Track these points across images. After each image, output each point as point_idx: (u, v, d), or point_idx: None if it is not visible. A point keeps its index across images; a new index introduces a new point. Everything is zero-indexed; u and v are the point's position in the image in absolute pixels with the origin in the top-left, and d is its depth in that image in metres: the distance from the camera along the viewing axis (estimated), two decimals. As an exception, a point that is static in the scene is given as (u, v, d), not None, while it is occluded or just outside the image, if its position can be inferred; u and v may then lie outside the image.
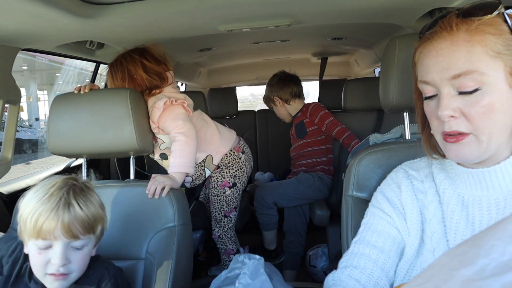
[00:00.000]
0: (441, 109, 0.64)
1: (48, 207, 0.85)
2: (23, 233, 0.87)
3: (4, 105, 1.31)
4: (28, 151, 10.94)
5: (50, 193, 0.87)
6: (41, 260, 0.86)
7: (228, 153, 1.70)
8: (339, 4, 1.23)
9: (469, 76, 0.62)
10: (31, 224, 0.84)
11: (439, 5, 1.24)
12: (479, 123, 0.63)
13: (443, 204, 0.74)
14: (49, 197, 0.86)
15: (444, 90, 0.65)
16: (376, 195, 0.84)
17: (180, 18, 1.25)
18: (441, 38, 0.65)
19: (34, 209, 0.85)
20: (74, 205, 0.87)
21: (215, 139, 1.67)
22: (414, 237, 0.75)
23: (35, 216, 0.84)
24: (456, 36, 0.63)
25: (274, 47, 2.53)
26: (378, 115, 2.17)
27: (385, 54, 1.08)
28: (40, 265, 0.86)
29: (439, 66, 0.65)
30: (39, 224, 0.84)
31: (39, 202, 0.86)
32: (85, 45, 1.53)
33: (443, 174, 0.76)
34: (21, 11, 0.95)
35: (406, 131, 1.14)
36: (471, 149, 0.64)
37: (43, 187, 0.89)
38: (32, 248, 0.87)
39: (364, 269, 0.75)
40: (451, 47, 0.64)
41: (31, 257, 0.88)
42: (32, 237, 0.85)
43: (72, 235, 0.86)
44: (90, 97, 1.23)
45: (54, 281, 0.87)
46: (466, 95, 0.63)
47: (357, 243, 0.80)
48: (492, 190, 0.68)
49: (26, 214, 0.86)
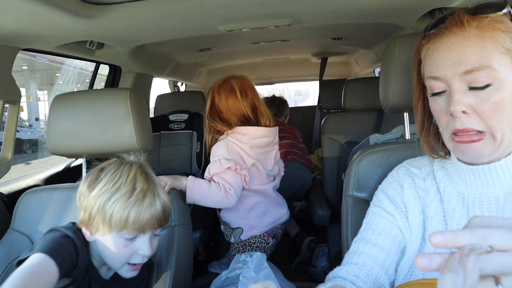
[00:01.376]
0: (454, 104, 0.63)
1: (147, 203, 0.87)
2: (103, 225, 0.86)
3: (4, 105, 1.31)
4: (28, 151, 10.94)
5: (139, 189, 0.87)
6: (127, 252, 0.87)
7: (259, 235, 1.56)
8: (339, 4, 1.23)
9: (482, 71, 0.61)
10: (123, 217, 0.84)
11: (439, 5, 1.24)
12: (491, 119, 0.62)
13: (444, 202, 0.74)
14: (139, 192, 0.87)
15: (455, 85, 0.64)
16: (378, 194, 0.84)
17: (180, 18, 1.25)
18: (452, 33, 0.64)
19: (125, 204, 0.85)
20: (161, 196, 0.90)
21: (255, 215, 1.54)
22: (416, 235, 0.75)
23: (127, 210, 0.85)
24: (467, 31, 0.63)
25: (274, 47, 2.54)
26: (378, 115, 2.17)
27: (385, 54, 1.08)
28: (125, 256, 0.87)
29: (451, 61, 0.64)
30: (133, 218, 0.85)
31: (127, 196, 0.86)
32: (85, 45, 1.53)
33: (443, 172, 0.76)
34: (21, 11, 0.95)
35: (406, 131, 1.14)
36: (485, 145, 0.64)
37: (121, 178, 0.88)
38: (116, 240, 0.86)
39: (363, 266, 0.75)
40: (463, 42, 0.63)
41: (114, 249, 0.87)
42: (119, 230, 0.85)
43: (159, 225, 0.89)
44: (90, 97, 1.23)
45: (131, 271, 0.89)
46: (477, 91, 0.62)
47: (358, 242, 0.80)
48: (492, 186, 0.68)
49: (115, 209, 0.85)
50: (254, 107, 1.48)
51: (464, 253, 0.39)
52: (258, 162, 1.46)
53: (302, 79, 4.23)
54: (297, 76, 3.90)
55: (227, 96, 1.47)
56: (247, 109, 1.46)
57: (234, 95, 1.47)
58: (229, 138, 1.44)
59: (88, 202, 0.88)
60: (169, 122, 2.45)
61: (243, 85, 1.49)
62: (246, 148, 1.43)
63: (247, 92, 1.48)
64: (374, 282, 0.74)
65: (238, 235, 1.53)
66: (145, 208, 0.87)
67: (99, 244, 0.89)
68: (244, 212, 1.50)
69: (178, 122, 2.44)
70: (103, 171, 0.91)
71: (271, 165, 1.53)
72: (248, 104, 1.47)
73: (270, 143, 1.51)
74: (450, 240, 0.40)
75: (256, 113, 1.48)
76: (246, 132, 1.44)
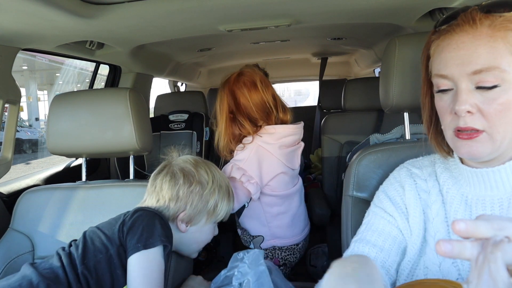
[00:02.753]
0: (459, 104, 0.62)
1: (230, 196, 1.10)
2: (209, 217, 1.05)
3: (4, 105, 1.31)
4: (28, 151, 10.94)
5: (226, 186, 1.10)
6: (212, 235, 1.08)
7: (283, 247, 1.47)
8: (339, 4, 1.23)
9: (491, 72, 0.60)
10: (227, 211, 1.08)
11: (439, 5, 1.24)
12: (495, 120, 0.62)
13: (446, 203, 0.74)
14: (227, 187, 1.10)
15: (462, 84, 0.63)
16: (378, 194, 0.84)
17: (180, 18, 1.25)
18: (463, 32, 0.63)
19: (227, 200, 1.08)
20: None
21: None
22: (416, 236, 0.75)
23: (229, 205, 1.09)
24: (479, 30, 0.61)
25: (274, 47, 2.54)
26: (378, 115, 2.17)
27: (385, 54, 1.08)
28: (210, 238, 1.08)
29: (459, 60, 0.63)
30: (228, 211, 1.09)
31: (227, 194, 1.09)
32: (85, 45, 1.53)
33: (447, 174, 0.76)
34: (21, 11, 0.95)
35: (406, 131, 1.14)
36: (484, 147, 0.63)
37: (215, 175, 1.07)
38: (212, 227, 1.08)
39: None
40: (473, 41, 0.61)
41: (209, 235, 1.08)
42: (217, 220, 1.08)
43: None
44: (89, 97, 1.23)
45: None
46: (484, 91, 0.62)
47: (357, 242, 0.80)
48: (496, 190, 0.68)
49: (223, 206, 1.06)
50: (274, 99, 1.36)
51: (489, 250, 0.39)
52: (287, 167, 1.36)
53: (302, 79, 4.23)
54: (297, 76, 3.90)
55: (250, 90, 1.34)
56: (270, 102, 1.34)
57: (256, 88, 1.34)
58: (257, 141, 1.32)
59: (197, 197, 1.01)
60: (169, 122, 2.45)
61: (261, 75, 1.38)
62: (274, 150, 1.32)
63: (267, 83, 1.37)
64: None
65: (259, 243, 1.44)
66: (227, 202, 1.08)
67: (193, 233, 1.04)
68: (266, 221, 1.41)
69: (178, 122, 2.44)
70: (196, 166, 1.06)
71: (298, 163, 1.44)
72: (270, 95, 1.35)
73: (297, 141, 1.43)
74: (471, 228, 0.41)
75: (276, 107, 1.36)
76: (274, 131, 1.33)
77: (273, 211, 1.40)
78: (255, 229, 1.44)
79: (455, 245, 0.41)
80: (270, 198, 1.38)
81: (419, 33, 1.06)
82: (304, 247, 1.51)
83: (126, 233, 0.89)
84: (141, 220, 0.90)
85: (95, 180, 1.28)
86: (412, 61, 1.00)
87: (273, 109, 1.35)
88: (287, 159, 1.37)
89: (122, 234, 0.90)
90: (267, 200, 1.39)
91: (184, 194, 1.00)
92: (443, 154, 0.76)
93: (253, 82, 1.34)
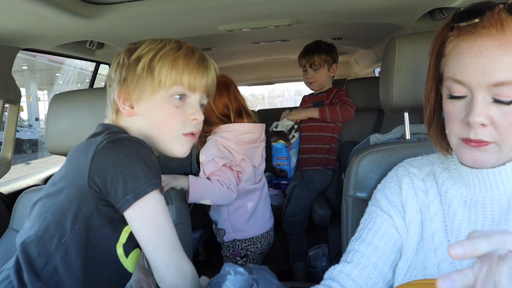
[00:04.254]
0: (474, 116, 0.58)
1: (197, 58, 0.80)
2: (150, 85, 0.77)
3: (4, 105, 1.31)
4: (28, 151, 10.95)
5: (187, 45, 0.81)
6: (179, 114, 0.78)
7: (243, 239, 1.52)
8: (339, 4, 1.23)
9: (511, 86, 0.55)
10: (174, 69, 0.77)
11: (439, 5, 1.24)
12: (507, 133, 0.59)
13: (445, 203, 0.73)
14: (188, 47, 0.81)
15: (479, 95, 0.58)
16: (376, 193, 0.84)
17: (180, 18, 1.25)
18: (488, 36, 0.56)
19: (175, 55, 0.78)
20: (210, 63, 0.84)
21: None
22: (413, 235, 0.75)
23: (182, 62, 0.78)
24: (506, 37, 0.55)
25: (274, 47, 2.54)
26: (378, 115, 2.17)
27: (385, 54, 1.08)
28: (178, 120, 0.78)
29: (481, 69, 0.57)
30: (189, 70, 0.77)
31: (175, 49, 0.79)
32: (85, 45, 1.53)
33: (446, 174, 0.76)
34: (21, 11, 0.95)
35: (406, 131, 1.14)
36: (490, 156, 0.61)
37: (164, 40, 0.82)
38: (166, 100, 0.77)
39: (357, 264, 0.75)
40: (499, 49, 0.55)
41: (164, 113, 0.78)
42: (169, 86, 0.77)
43: (208, 90, 0.83)
44: (88, 96, 1.23)
45: (185, 144, 0.81)
46: (502, 104, 0.57)
47: (354, 241, 0.80)
48: (496, 190, 0.67)
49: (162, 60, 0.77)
50: (227, 108, 1.46)
51: (494, 262, 0.39)
52: (247, 158, 1.45)
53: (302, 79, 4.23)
54: (297, 76, 3.89)
55: None
56: (223, 108, 1.45)
57: None
58: (215, 137, 1.43)
59: (129, 65, 0.79)
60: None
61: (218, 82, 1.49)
62: (232, 145, 1.42)
63: (221, 90, 1.46)
64: (366, 280, 0.74)
65: (222, 236, 1.53)
66: (196, 62, 0.79)
67: (145, 116, 0.79)
68: (227, 214, 1.49)
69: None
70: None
71: (258, 162, 1.52)
72: (222, 104, 1.46)
73: (256, 140, 1.50)
74: (469, 250, 0.40)
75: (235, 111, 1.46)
76: (230, 129, 1.43)
77: (234, 204, 1.47)
78: (220, 223, 1.52)
79: (456, 279, 0.40)
80: (245, 187, 1.47)
81: (419, 33, 1.06)
82: (266, 239, 1.57)
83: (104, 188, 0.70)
84: (114, 164, 0.70)
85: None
86: (412, 61, 1.00)
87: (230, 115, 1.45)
88: (247, 155, 1.45)
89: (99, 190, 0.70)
90: None
91: (113, 68, 0.82)
92: (443, 151, 0.75)
93: None
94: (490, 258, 0.39)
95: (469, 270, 0.40)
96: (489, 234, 0.41)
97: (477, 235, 0.42)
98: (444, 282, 0.39)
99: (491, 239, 0.40)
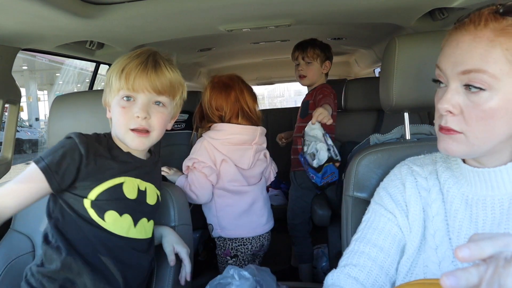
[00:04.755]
0: (441, 102, 0.64)
1: (138, 61, 0.92)
2: (109, 94, 0.95)
3: (4, 105, 1.31)
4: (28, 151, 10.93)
5: (139, 53, 0.95)
6: (125, 114, 0.91)
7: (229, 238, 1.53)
8: (339, 4, 1.23)
9: (478, 74, 0.60)
10: (119, 76, 0.91)
11: (439, 5, 1.24)
12: (475, 126, 0.62)
13: (446, 202, 0.74)
14: (138, 54, 0.94)
15: (452, 84, 0.63)
16: (379, 191, 0.84)
17: (180, 18, 1.25)
18: (466, 31, 0.62)
19: (124, 64, 0.92)
20: (161, 64, 0.94)
21: None
22: (415, 234, 0.75)
23: (125, 68, 0.91)
24: (482, 32, 0.60)
25: (274, 47, 2.54)
26: (378, 115, 2.17)
27: (385, 54, 1.08)
28: (124, 119, 0.91)
29: (454, 59, 0.63)
30: (127, 75, 0.90)
31: (128, 58, 0.93)
32: (85, 45, 1.53)
33: (448, 173, 0.76)
34: (21, 11, 0.95)
35: (407, 131, 1.14)
36: (459, 147, 0.65)
37: (130, 53, 0.96)
38: (116, 106, 0.93)
39: (363, 267, 0.75)
40: (472, 42, 0.61)
41: (116, 116, 0.93)
42: (117, 91, 0.92)
43: (156, 89, 0.92)
44: (90, 98, 1.23)
45: (134, 139, 0.92)
46: (471, 93, 0.61)
47: (357, 241, 0.80)
48: (497, 190, 0.68)
49: (115, 70, 0.93)
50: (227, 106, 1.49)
51: (501, 264, 0.38)
52: (229, 159, 1.46)
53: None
54: (297, 76, 3.90)
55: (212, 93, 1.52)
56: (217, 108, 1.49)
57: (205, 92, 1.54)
58: (204, 136, 1.48)
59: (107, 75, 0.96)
60: (169, 122, 2.45)
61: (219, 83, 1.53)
62: (217, 144, 1.45)
63: (220, 90, 1.50)
64: (373, 283, 0.74)
65: (210, 231, 1.56)
66: (136, 65, 0.91)
67: (112, 117, 0.96)
68: (215, 210, 1.51)
69: (178, 122, 2.44)
70: None
71: (247, 164, 1.49)
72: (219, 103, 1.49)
73: (246, 142, 1.49)
74: (475, 251, 0.40)
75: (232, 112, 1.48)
76: (218, 128, 1.46)
77: (222, 202, 1.50)
78: (208, 218, 1.56)
79: (460, 276, 0.40)
80: (220, 190, 1.49)
81: (419, 33, 1.06)
82: (259, 241, 1.55)
83: None
84: None
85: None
86: (412, 61, 1.00)
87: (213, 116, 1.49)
88: (233, 157, 1.46)
89: None
90: (218, 192, 1.49)
91: None
92: None
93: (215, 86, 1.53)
94: (496, 260, 0.39)
95: (474, 268, 0.40)
96: (494, 237, 0.41)
97: (481, 237, 0.42)
98: (449, 279, 0.39)
99: (497, 242, 0.40)
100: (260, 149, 1.55)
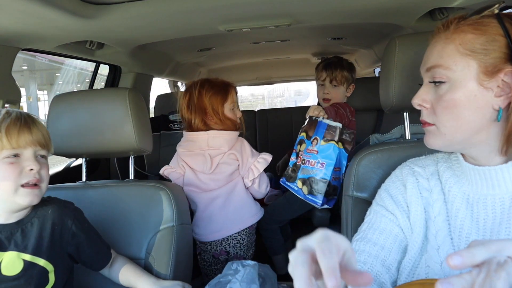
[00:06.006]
0: (414, 98, 0.73)
1: (13, 118, 0.86)
2: None
3: (4, 105, 1.31)
4: (28, 151, 10.91)
5: (6, 112, 0.88)
6: (14, 169, 0.84)
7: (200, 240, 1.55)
8: (339, 4, 1.23)
9: (437, 69, 0.68)
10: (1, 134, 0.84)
11: (439, 5, 1.24)
12: (441, 116, 0.68)
13: (448, 202, 0.74)
14: (7, 113, 0.87)
15: (425, 80, 0.72)
16: (380, 193, 0.84)
17: (180, 18, 1.25)
18: (435, 34, 0.72)
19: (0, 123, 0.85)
20: (33, 119, 0.90)
21: None
22: (417, 234, 0.75)
23: (4, 127, 0.84)
24: (444, 33, 0.69)
25: (274, 47, 2.53)
26: (378, 115, 2.17)
27: (385, 54, 1.08)
28: (14, 175, 0.84)
29: (424, 59, 0.72)
30: (8, 133, 0.84)
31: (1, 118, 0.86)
32: (85, 45, 1.53)
33: (449, 172, 0.76)
34: (21, 11, 0.95)
35: (406, 131, 1.14)
36: (434, 139, 0.71)
37: None
38: (2, 165, 0.84)
39: (364, 264, 0.75)
40: (434, 43, 0.70)
41: (1, 174, 0.84)
42: (1, 150, 0.84)
43: (39, 142, 0.89)
44: (89, 97, 1.23)
45: (28, 194, 0.86)
46: (436, 88, 0.69)
47: (359, 240, 0.80)
48: (498, 188, 0.68)
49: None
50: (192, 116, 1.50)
51: (493, 268, 0.39)
52: (183, 164, 1.52)
53: (302, 79, 4.23)
54: (297, 76, 3.90)
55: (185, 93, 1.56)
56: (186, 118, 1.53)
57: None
58: None
59: None
60: (169, 122, 2.44)
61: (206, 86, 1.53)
62: (179, 150, 1.54)
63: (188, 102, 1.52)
64: (375, 279, 0.74)
65: None
66: (14, 122, 0.86)
67: None
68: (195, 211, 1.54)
69: (178, 122, 2.44)
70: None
71: (208, 169, 1.46)
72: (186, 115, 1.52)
73: (197, 148, 1.49)
74: (467, 258, 0.41)
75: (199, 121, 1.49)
76: (185, 134, 1.55)
77: (192, 205, 1.54)
78: None
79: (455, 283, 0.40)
80: (187, 193, 1.52)
81: (419, 33, 1.06)
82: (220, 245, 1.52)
83: None
84: None
85: (95, 181, 1.28)
86: (412, 61, 1.00)
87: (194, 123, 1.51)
88: (187, 161, 1.51)
89: None
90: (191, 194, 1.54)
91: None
92: None
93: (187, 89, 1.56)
94: (489, 265, 0.39)
95: (468, 274, 0.41)
96: (487, 243, 0.42)
97: (476, 244, 0.42)
98: (443, 285, 0.40)
99: (489, 247, 0.41)
100: (218, 153, 1.49)
